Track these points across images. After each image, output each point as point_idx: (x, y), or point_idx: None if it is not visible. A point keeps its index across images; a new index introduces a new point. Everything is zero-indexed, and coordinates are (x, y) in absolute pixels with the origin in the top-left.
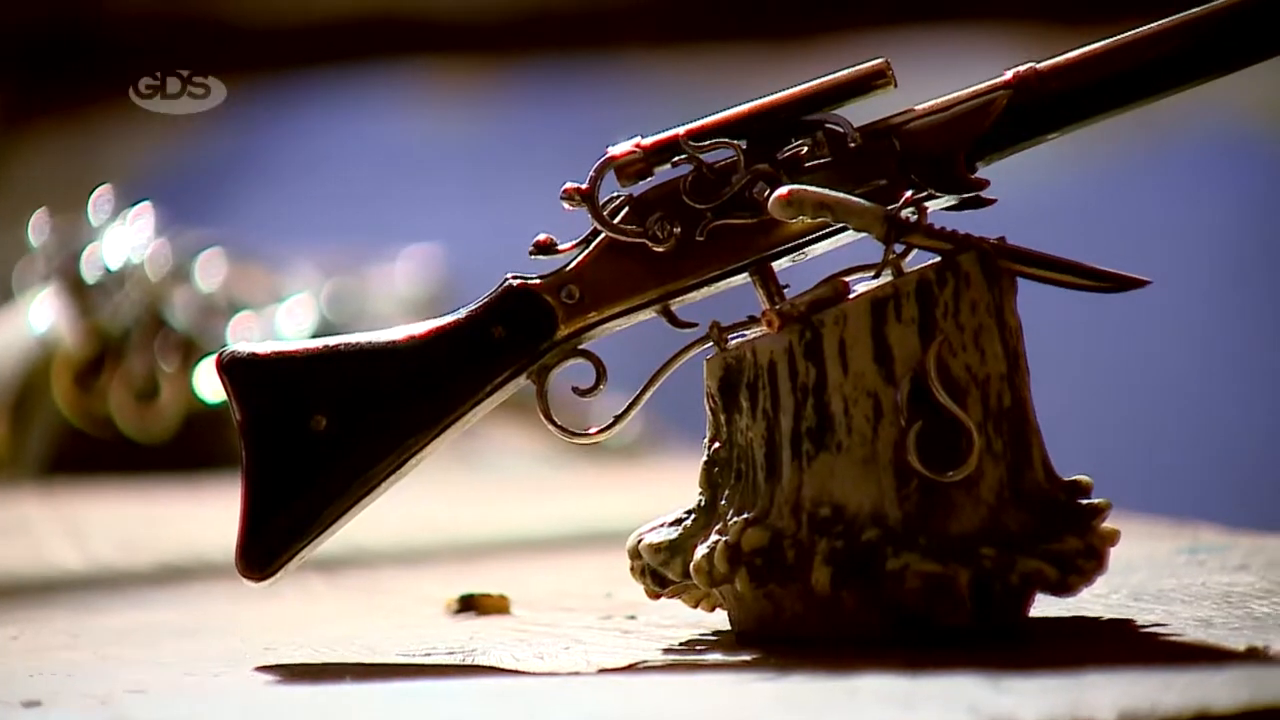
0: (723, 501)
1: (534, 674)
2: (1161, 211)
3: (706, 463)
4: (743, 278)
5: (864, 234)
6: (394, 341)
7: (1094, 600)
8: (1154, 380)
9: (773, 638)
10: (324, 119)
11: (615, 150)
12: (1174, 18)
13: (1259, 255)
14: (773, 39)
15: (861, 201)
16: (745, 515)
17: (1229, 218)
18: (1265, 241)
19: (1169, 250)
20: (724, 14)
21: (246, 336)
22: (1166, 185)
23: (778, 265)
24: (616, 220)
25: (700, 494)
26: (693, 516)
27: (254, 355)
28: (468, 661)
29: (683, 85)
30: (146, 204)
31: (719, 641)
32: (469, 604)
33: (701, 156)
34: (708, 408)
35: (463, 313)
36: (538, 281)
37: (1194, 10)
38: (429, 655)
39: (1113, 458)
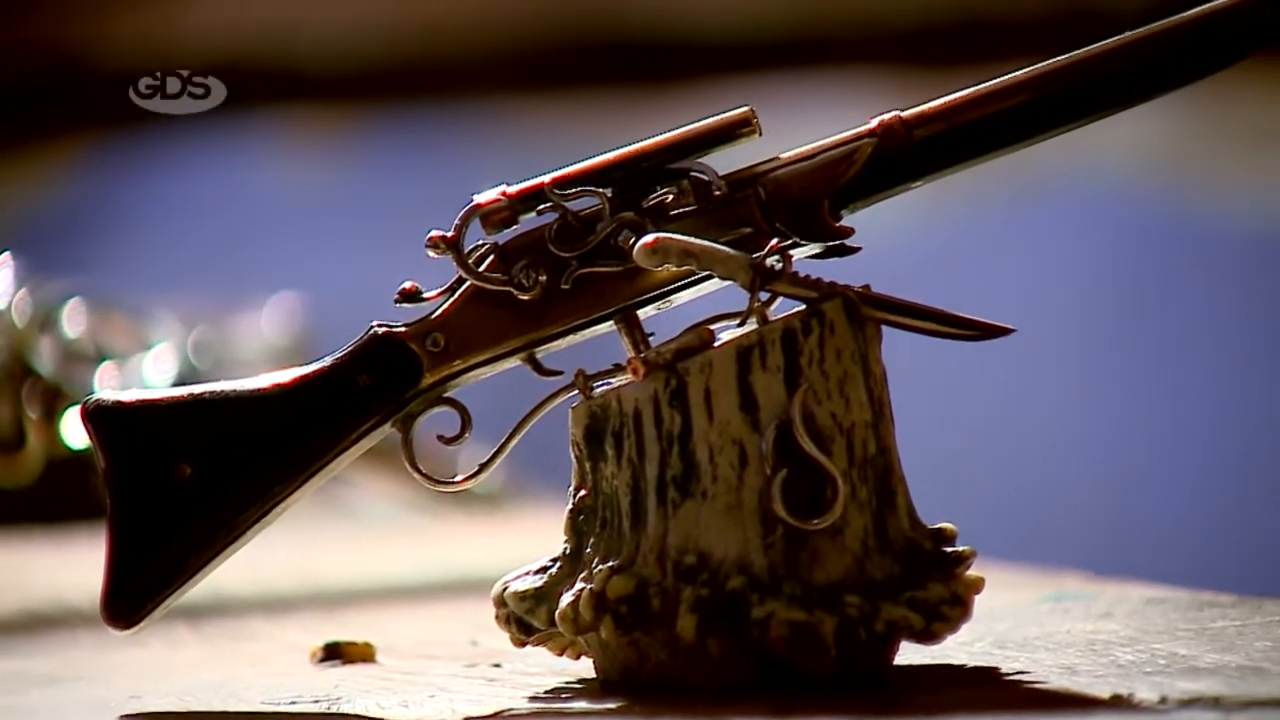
0: (588, 549)
1: None
2: (1026, 260)
3: (572, 511)
4: (608, 325)
5: (729, 282)
6: (259, 389)
7: (959, 648)
8: (1019, 428)
9: (638, 686)
10: (188, 167)
11: (481, 198)
12: (1036, 66)
13: (1122, 304)
14: (638, 86)
15: (727, 249)
16: (610, 563)
17: (1093, 267)
18: (1128, 291)
19: (1033, 298)
20: (589, 61)
21: (112, 385)
22: (1031, 233)
23: (643, 313)
24: (482, 268)
25: (565, 542)
26: (558, 564)
27: (119, 404)
28: (333, 709)
29: (549, 133)
30: (6, 254)
31: (584, 690)
32: (334, 652)
33: (567, 205)
34: (573, 456)
35: (328, 361)
36: (403, 330)
37: (1056, 59)
38: (294, 703)
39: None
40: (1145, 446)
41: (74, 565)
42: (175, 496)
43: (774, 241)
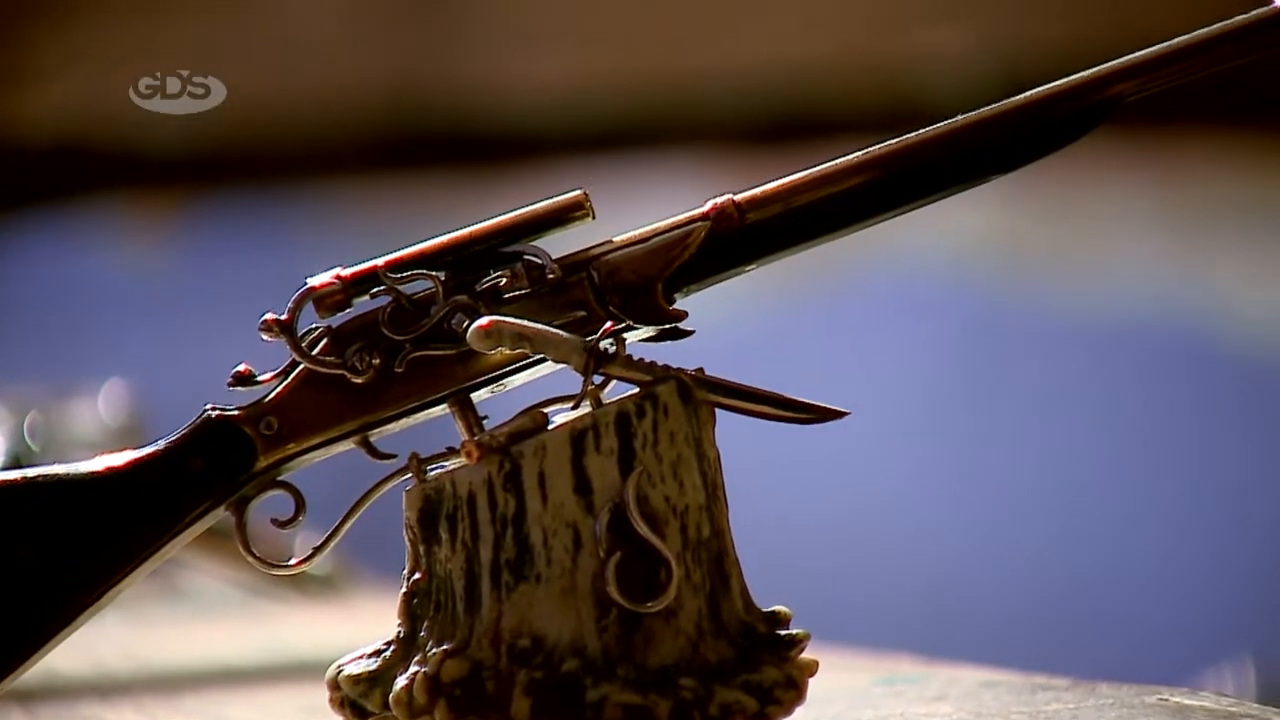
0: (423, 633)
1: None
2: (860, 343)
3: (406, 594)
4: (442, 409)
5: (563, 365)
6: (94, 473)
7: None
8: (852, 511)
9: None
10: (22, 253)
11: (315, 281)
12: (871, 149)
13: (953, 388)
14: (472, 171)
15: (560, 333)
16: (445, 646)
17: (925, 350)
18: (959, 374)
19: (867, 381)
20: (423, 147)
21: None
22: (865, 316)
23: (477, 396)
24: (315, 351)
25: (400, 625)
26: (392, 648)
27: None
28: None
29: (384, 218)
30: None
31: None
32: None
33: (401, 288)
34: (407, 539)
35: (162, 444)
36: (236, 413)
37: (890, 142)
38: None
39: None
40: (977, 528)
41: None
42: (11, 580)
43: (607, 325)
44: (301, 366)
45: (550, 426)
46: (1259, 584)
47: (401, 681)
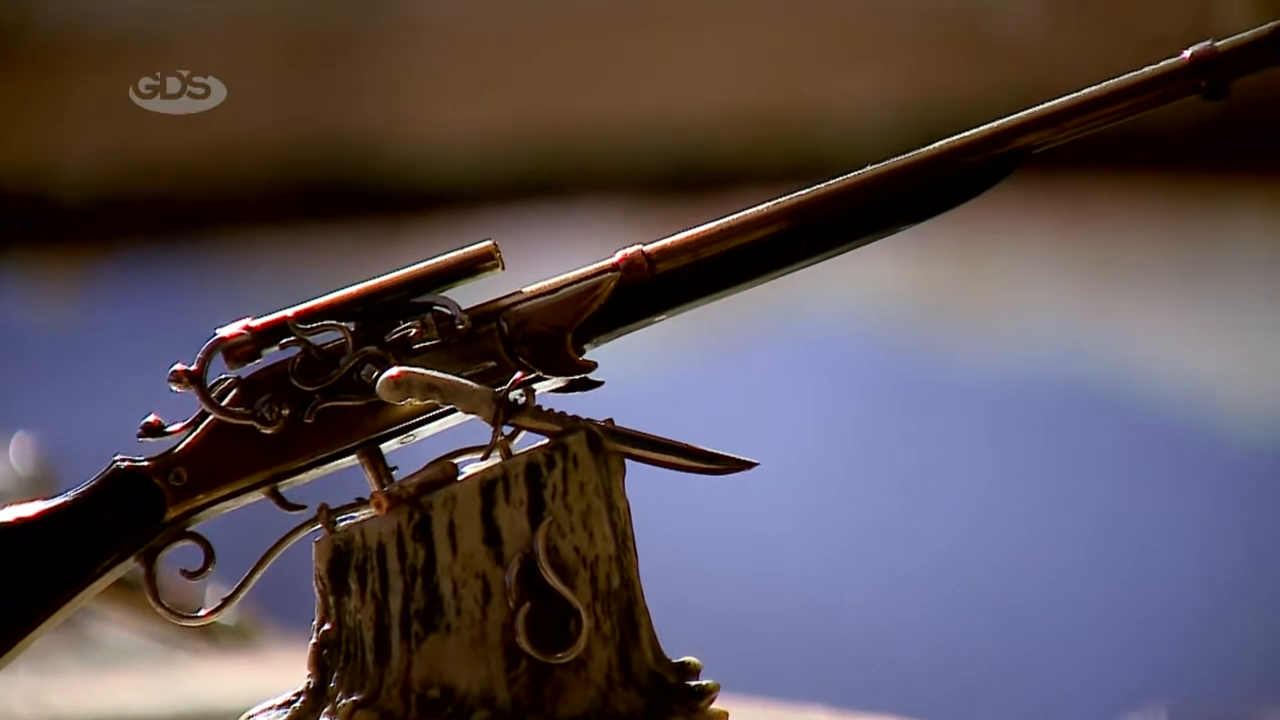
0: (333, 684)
1: None
2: (771, 395)
3: (316, 645)
4: (352, 459)
5: (473, 416)
6: (2, 523)
7: None
8: (762, 562)
9: None
10: None
11: (224, 332)
12: (780, 200)
13: (865, 439)
14: (382, 222)
15: (470, 383)
16: (355, 697)
17: (837, 402)
18: (871, 426)
19: (777, 433)
20: (334, 199)
21: None
22: (777, 369)
23: (387, 447)
24: (224, 402)
25: (310, 676)
26: (302, 698)
27: None
28: None
29: (294, 269)
30: None
31: None
32: None
33: (310, 338)
34: (317, 590)
35: (71, 495)
36: (146, 464)
37: (799, 193)
38: None
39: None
40: (889, 579)
41: None
42: None
43: (517, 375)
44: (211, 417)
45: (460, 477)
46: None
47: None
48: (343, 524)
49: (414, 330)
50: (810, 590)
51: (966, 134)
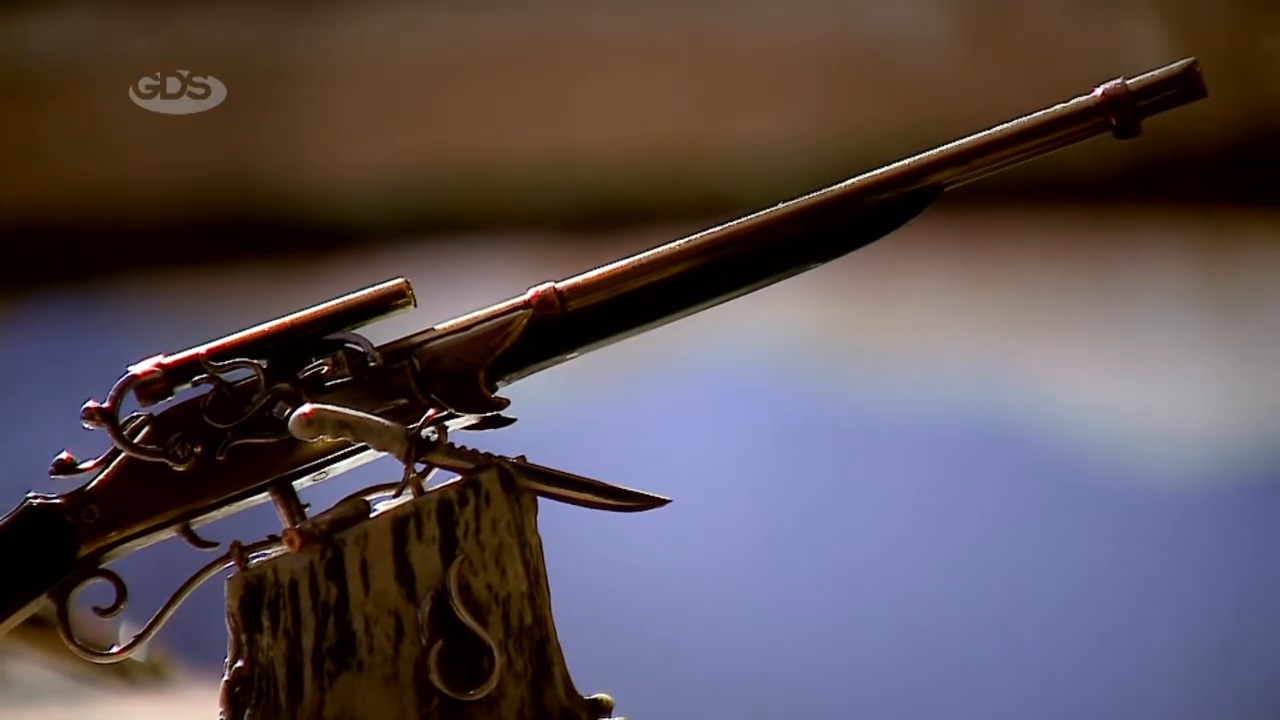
0: None
1: None
2: (683, 433)
3: (228, 682)
4: (264, 497)
5: (385, 453)
6: None
7: None
8: (674, 599)
9: None
10: None
11: (136, 369)
12: (692, 237)
13: (777, 478)
14: (294, 261)
15: (382, 421)
16: None
17: (749, 441)
18: (784, 465)
19: (690, 471)
20: (245, 237)
21: None
22: (689, 407)
23: (299, 484)
24: (137, 439)
25: (222, 714)
26: None
27: None
28: None
29: (206, 307)
30: None
31: None
32: None
33: (222, 376)
34: (229, 627)
35: None
36: (59, 501)
37: (711, 230)
38: None
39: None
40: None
41: None
42: None
43: (430, 412)
44: (123, 455)
45: (372, 514)
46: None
47: None
48: (255, 561)
49: (326, 367)
50: (721, 627)
51: (878, 171)
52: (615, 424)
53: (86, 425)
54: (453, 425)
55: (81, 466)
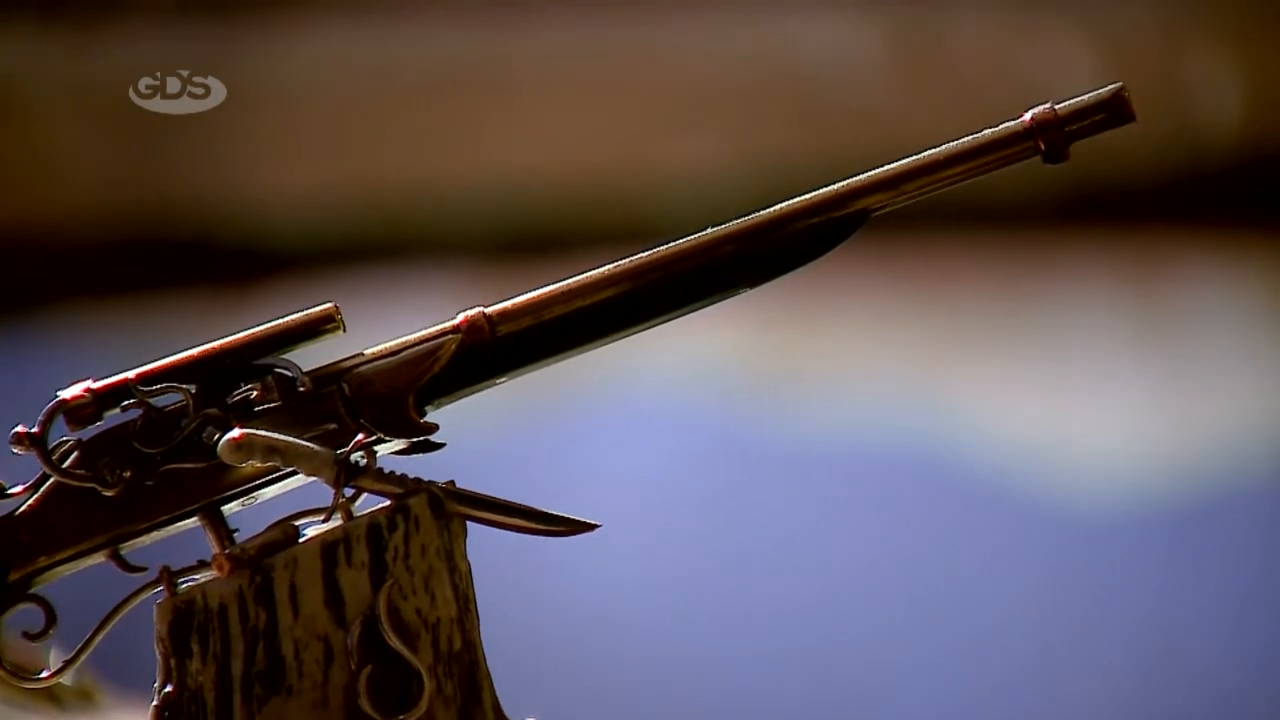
0: None
1: None
2: (610, 458)
3: (157, 707)
4: (193, 521)
5: (315, 478)
6: None
7: None
8: (602, 624)
9: None
10: None
11: (65, 394)
12: (620, 262)
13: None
14: (223, 286)
15: (311, 446)
16: None
17: (676, 466)
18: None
19: (617, 496)
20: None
21: None
22: (617, 432)
23: (228, 509)
24: (66, 464)
25: None
26: None
27: None
28: None
29: (134, 330)
30: None
31: None
32: None
33: (151, 401)
34: (159, 652)
35: None
36: None
37: (639, 256)
38: None
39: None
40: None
41: None
42: None
43: (359, 437)
44: (52, 479)
45: (301, 539)
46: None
47: None
48: (184, 586)
49: (255, 392)
50: (649, 649)
51: (807, 196)
52: (545, 448)
53: (15, 450)
54: (382, 450)
55: (10, 491)
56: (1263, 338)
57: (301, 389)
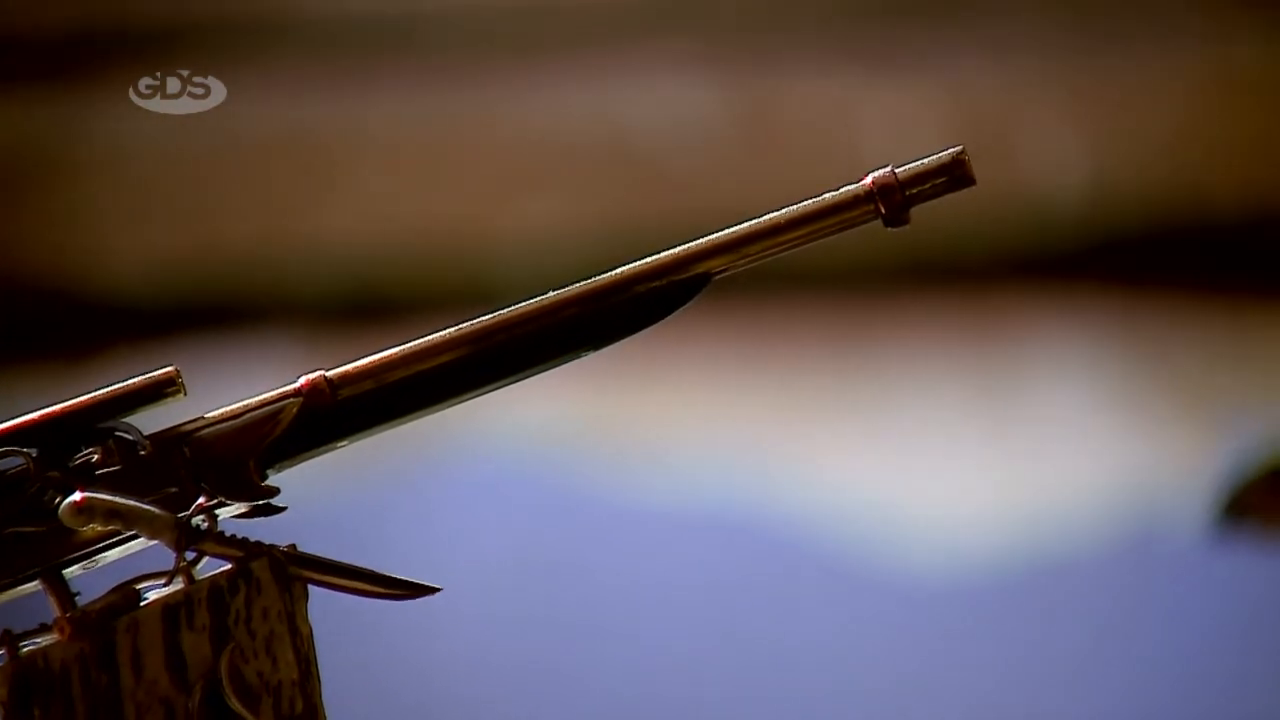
0: None
1: None
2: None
3: None
4: (34, 585)
5: (156, 541)
6: None
7: None
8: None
9: None
10: None
11: None
12: (462, 325)
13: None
14: (65, 345)
15: (152, 509)
16: None
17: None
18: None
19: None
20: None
21: None
22: (459, 495)
23: (70, 572)
24: None
25: None
26: None
27: None
28: None
29: None
30: None
31: None
32: None
33: None
34: None
35: None
36: None
37: (481, 319)
38: None
39: None
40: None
41: None
42: None
43: (200, 501)
44: None
45: (143, 603)
46: None
47: None
48: (26, 649)
49: (97, 456)
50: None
51: (649, 260)
52: (389, 510)
53: None
54: (223, 513)
55: None
56: (1101, 400)
57: (143, 452)
